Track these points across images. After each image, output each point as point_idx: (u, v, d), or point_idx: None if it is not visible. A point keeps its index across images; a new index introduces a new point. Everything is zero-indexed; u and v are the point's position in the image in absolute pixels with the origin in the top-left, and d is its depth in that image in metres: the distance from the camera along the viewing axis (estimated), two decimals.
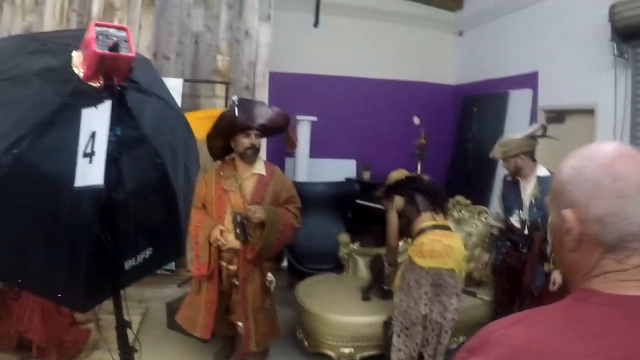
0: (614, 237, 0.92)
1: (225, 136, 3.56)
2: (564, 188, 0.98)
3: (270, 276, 3.64)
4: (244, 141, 3.50)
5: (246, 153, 3.52)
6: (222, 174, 3.60)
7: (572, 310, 0.93)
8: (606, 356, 0.84)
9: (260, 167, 3.64)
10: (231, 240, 3.47)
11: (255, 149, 3.55)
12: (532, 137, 3.86)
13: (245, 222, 3.42)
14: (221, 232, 3.47)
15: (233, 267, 3.54)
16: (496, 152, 3.89)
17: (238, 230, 3.40)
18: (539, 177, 3.75)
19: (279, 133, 3.83)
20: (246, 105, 3.60)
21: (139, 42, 5.37)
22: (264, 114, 3.59)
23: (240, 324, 3.54)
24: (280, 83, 6.49)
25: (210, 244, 3.47)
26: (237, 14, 5.83)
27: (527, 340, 0.90)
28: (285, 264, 3.84)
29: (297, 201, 3.76)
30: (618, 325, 0.87)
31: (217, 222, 3.51)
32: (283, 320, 4.12)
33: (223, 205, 3.54)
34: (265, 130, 3.65)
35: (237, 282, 3.52)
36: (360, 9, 7.60)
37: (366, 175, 7.41)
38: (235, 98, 3.58)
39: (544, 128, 4.02)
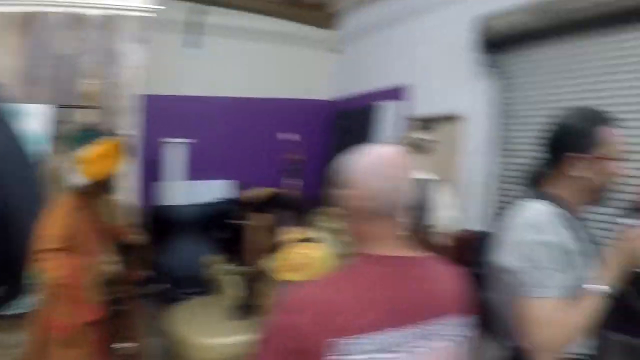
0: (381, 210, 1.35)
1: None
2: (346, 175, 1.43)
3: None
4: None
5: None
6: (78, 207, 3.29)
7: (356, 271, 1.35)
8: (376, 301, 1.27)
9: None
10: (114, 268, 3.45)
11: None
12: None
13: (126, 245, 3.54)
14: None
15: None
16: None
17: (124, 257, 3.49)
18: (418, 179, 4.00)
19: None
20: None
21: (6, 68, 5.21)
22: None
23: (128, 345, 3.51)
24: (155, 106, 6.44)
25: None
26: (109, 36, 5.77)
27: (327, 300, 1.26)
28: None
29: None
30: (389, 279, 1.32)
31: (91, 258, 3.32)
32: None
33: (95, 238, 3.42)
34: None
35: (122, 306, 3.50)
36: (237, 29, 7.71)
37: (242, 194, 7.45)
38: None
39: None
